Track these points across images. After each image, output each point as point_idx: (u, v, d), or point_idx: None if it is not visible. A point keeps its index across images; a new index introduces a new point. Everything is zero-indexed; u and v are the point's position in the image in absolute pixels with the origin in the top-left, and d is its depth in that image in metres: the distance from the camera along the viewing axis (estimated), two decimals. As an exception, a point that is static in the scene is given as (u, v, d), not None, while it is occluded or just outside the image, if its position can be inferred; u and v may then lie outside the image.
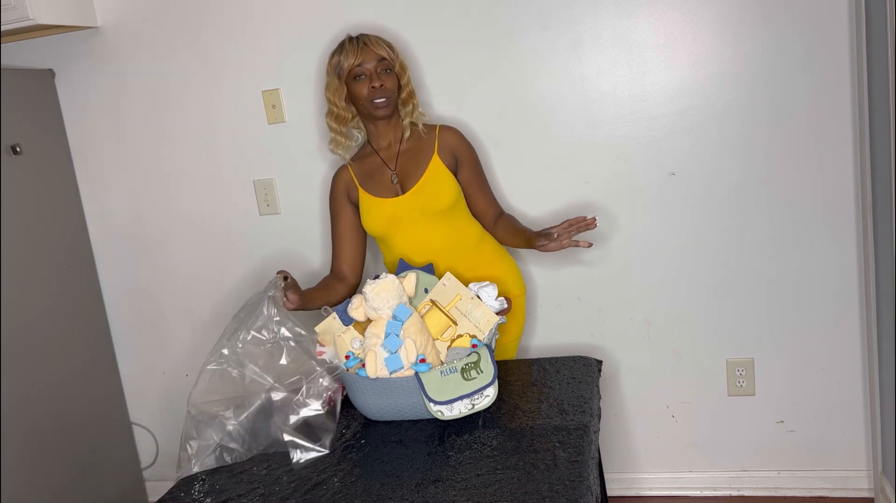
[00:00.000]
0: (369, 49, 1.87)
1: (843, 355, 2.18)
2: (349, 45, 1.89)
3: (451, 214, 1.92)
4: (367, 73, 1.86)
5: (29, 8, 2.13)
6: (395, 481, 1.41)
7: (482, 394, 1.60)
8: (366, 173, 1.97)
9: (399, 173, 1.94)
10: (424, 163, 1.92)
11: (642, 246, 2.22)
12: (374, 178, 1.96)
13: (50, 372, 2.37)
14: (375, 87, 1.86)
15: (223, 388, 1.60)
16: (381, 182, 1.95)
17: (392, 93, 1.89)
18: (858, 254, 2.10)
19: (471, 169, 1.97)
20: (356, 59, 1.86)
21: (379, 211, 1.93)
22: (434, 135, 1.95)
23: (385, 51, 1.88)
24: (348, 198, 2.00)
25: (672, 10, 2.05)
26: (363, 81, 1.87)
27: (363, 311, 1.65)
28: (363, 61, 1.86)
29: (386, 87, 1.87)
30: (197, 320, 2.60)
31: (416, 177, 1.92)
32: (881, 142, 1.89)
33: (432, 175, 1.90)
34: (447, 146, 1.94)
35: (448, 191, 1.91)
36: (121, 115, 2.48)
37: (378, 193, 1.94)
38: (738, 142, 2.09)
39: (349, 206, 2.00)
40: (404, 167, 1.94)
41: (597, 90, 2.14)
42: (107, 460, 2.58)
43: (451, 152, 1.95)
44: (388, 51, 1.89)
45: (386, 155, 1.97)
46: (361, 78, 1.87)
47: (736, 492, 2.33)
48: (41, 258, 2.38)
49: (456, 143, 1.96)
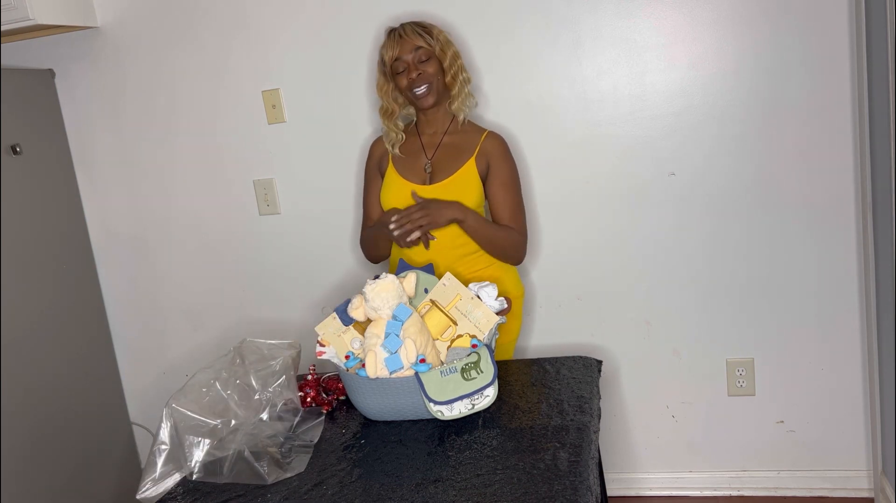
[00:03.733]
0: (405, 40, 1.86)
1: (843, 355, 2.18)
2: (387, 39, 1.89)
3: None
4: (406, 66, 1.87)
5: (29, 8, 2.12)
6: (395, 481, 1.41)
7: (482, 394, 1.60)
8: (403, 151, 1.98)
9: (433, 163, 1.94)
10: (460, 162, 1.91)
11: (642, 246, 2.22)
12: (409, 159, 1.96)
13: (50, 372, 2.37)
14: (412, 77, 1.86)
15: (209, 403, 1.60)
16: (414, 165, 1.95)
17: (433, 77, 1.87)
18: (858, 254, 2.10)
19: (498, 178, 1.92)
20: (394, 53, 1.87)
21: (399, 191, 1.93)
22: (479, 139, 1.94)
23: (421, 39, 1.86)
24: (379, 168, 2.01)
25: (672, 10, 2.05)
26: (403, 74, 1.87)
27: (363, 311, 1.65)
28: (401, 54, 1.86)
29: (425, 75, 1.86)
30: (197, 320, 2.60)
31: (448, 173, 1.91)
32: (881, 141, 1.89)
33: (462, 176, 1.90)
34: (486, 151, 1.92)
35: (472, 196, 1.89)
36: (121, 115, 2.48)
37: (406, 175, 1.94)
38: (737, 142, 2.09)
39: (379, 177, 2.01)
40: (440, 159, 1.93)
41: (597, 90, 2.14)
42: (107, 460, 2.58)
43: (487, 159, 1.92)
44: (425, 38, 1.86)
45: (427, 141, 1.97)
46: (401, 71, 1.87)
47: (736, 492, 2.33)
48: (41, 258, 2.38)
49: (493, 150, 1.93)
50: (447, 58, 1.89)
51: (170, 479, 1.54)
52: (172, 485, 1.52)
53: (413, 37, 1.86)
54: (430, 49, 1.87)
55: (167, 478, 1.54)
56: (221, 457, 1.53)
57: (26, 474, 2.25)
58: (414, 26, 1.88)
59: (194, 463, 1.53)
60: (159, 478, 1.54)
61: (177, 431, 1.54)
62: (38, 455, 2.30)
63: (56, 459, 2.36)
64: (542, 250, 2.27)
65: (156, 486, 1.53)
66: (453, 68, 1.91)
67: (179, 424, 1.54)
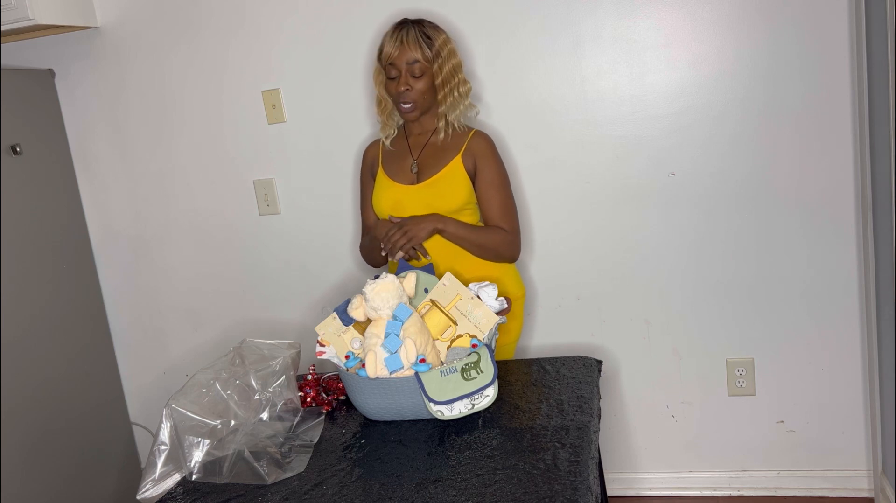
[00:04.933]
0: (404, 48, 1.80)
1: (843, 355, 2.18)
2: (391, 34, 1.83)
3: (457, 216, 1.91)
4: (398, 73, 1.83)
5: (29, 8, 2.13)
6: (395, 481, 1.41)
7: (482, 394, 1.60)
8: (391, 153, 1.98)
9: (419, 163, 1.93)
10: (446, 160, 1.90)
11: (642, 246, 2.22)
12: (396, 161, 1.96)
13: (50, 372, 2.37)
14: (400, 91, 1.83)
15: (209, 403, 1.60)
16: (401, 167, 1.95)
17: (421, 95, 1.83)
18: (858, 254, 2.10)
19: (486, 175, 1.90)
20: (391, 55, 1.82)
21: (388, 193, 1.93)
22: (466, 137, 1.92)
23: (420, 51, 1.80)
24: (371, 173, 2.02)
25: (672, 10, 2.05)
26: (394, 80, 1.84)
27: (363, 311, 1.65)
28: (396, 61, 1.82)
29: (413, 91, 1.82)
30: (197, 320, 2.60)
31: (433, 171, 1.90)
32: (881, 141, 1.89)
33: (448, 173, 1.89)
34: (472, 150, 1.90)
35: (459, 193, 1.88)
36: (121, 115, 2.48)
37: (394, 176, 1.94)
38: (737, 141, 2.09)
39: (372, 181, 2.01)
40: (426, 159, 1.93)
41: (597, 90, 2.14)
42: (107, 460, 2.58)
43: (474, 157, 1.90)
44: (424, 50, 1.80)
45: (414, 142, 1.96)
46: (393, 75, 1.84)
47: (736, 492, 2.33)
48: (41, 258, 2.38)
49: (480, 149, 1.90)
50: (442, 74, 1.83)
51: (170, 480, 1.54)
52: (172, 485, 1.52)
53: (412, 47, 1.80)
54: (426, 65, 1.82)
55: (167, 479, 1.54)
56: (221, 457, 1.53)
57: (26, 474, 2.25)
58: (418, 33, 1.81)
59: (194, 463, 1.53)
60: (159, 479, 1.54)
61: (177, 431, 1.54)
62: (38, 455, 2.30)
63: (56, 459, 2.36)
64: (542, 250, 2.27)
65: (156, 487, 1.53)
66: (447, 85, 1.85)
67: (179, 424, 1.54)
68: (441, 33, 1.86)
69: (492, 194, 1.91)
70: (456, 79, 1.87)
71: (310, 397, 1.75)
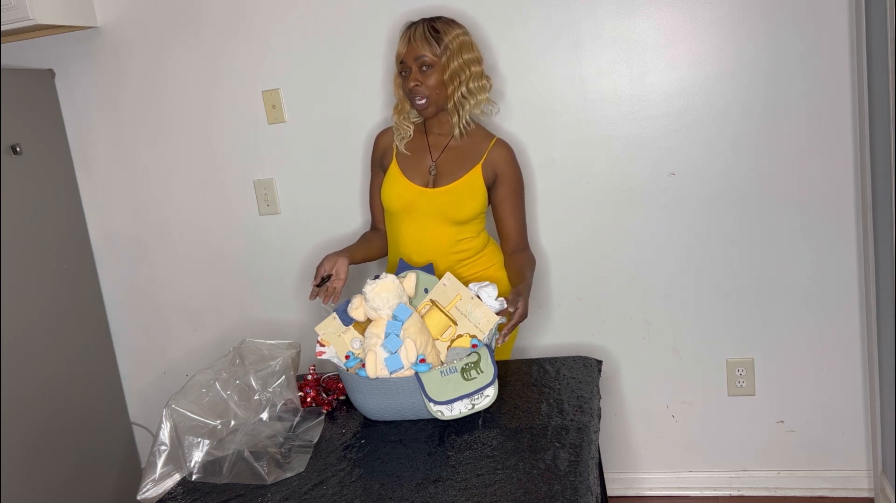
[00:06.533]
0: (412, 46, 1.79)
1: (843, 355, 2.18)
2: (404, 33, 1.83)
3: (465, 224, 1.90)
4: (408, 70, 1.82)
5: (29, 8, 2.12)
6: (395, 481, 1.41)
7: (482, 394, 1.60)
8: (408, 148, 1.93)
9: (438, 166, 1.90)
10: (466, 168, 1.87)
11: (642, 246, 2.22)
12: (413, 158, 1.91)
13: (50, 372, 2.37)
14: (410, 87, 1.82)
15: (209, 403, 1.60)
16: (418, 166, 1.91)
17: (433, 91, 1.81)
18: (858, 254, 2.10)
19: (506, 189, 1.90)
20: (401, 49, 1.82)
21: (401, 191, 1.89)
22: (487, 146, 1.89)
23: (428, 47, 1.78)
24: (381, 163, 1.98)
25: (672, 10, 2.05)
26: (406, 77, 1.83)
27: (363, 311, 1.65)
28: (405, 58, 1.81)
29: (422, 87, 1.81)
30: (197, 320, 2.60)
31: (452, 178, 1.87)
32: (881, 141, 1.89)
33: (467, 183, 1.86)
34: (492, 161, 1.88)
35: (474, 205, 1.87)
36: (121, 115, 2.48)
37: (409, 174, 1.90)
38: (737, 141, 2.09)
39: (380, 172, 1.98)
40: (445, 163, 1.89)
41: (597, 90, 2.14)
42: (107, 460, 2.58)
43: (494, 168, 1.88)
44: (433, 46, 1.78)
45: (433, 142, 1.92)
46: (405, 72, 1.83)
47: (736, 492, 2.33)
48: (41, 258, 2.38)
49: (501, 161, 1.88)
50: (450, 70, 1.80)
51: (170, 480, 1.54)
52: (172, 485, 1.52)
53: (420, 44, 1.79)
54: (435, 59, 1.79)
55: (167, 479, 1.54)
56: (221, 457, 1.53)
57: (26, 474, 2.25)
58: (426, 30, 1.79)
59: (194, 463, 1.53)
60: (159, 479, 1.54)
61: (176, 432, 1.54)
62: (38, 455, 2.30)
63: (56, 459, 2.36)
64: (543, 250, 2.27)
65: (156, 487, 1.53)
66: (456, 79, 1.82)
67: (179, 425, 1.54)
68: (454, 28, 1.83)
69: (512, 207, 1.92)
70: (467, 73, 1.83)
71: (310, 397, 1.75)
